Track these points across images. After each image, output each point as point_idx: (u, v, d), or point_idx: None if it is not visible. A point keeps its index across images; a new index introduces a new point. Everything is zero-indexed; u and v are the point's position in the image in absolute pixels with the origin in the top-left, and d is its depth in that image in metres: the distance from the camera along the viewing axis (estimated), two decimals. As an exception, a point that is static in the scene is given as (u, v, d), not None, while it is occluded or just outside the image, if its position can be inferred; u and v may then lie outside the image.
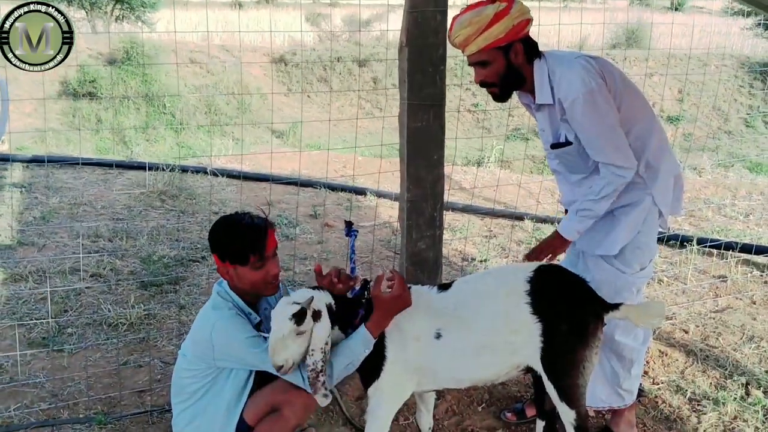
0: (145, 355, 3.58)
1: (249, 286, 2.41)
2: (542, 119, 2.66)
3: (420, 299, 2.37)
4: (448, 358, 2.32)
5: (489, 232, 5.60)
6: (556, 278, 2.36)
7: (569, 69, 2.48)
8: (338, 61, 18.14)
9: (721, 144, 16.62)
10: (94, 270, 4.47)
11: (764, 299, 4.32)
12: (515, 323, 2.27)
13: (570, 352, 2.26)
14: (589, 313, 2.29)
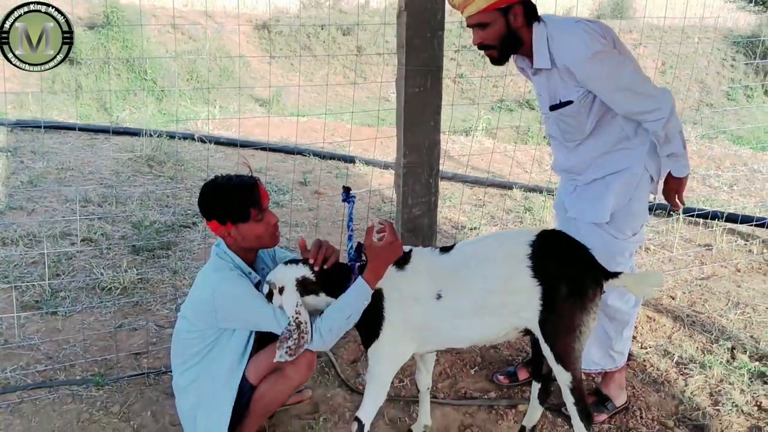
0: (140, 318, 3.59)
1: (255, 241, 2.43)
2: (539, 83, 2.66)
3: (421, 260, 2.39)
4: (449, 318, 2.34)
5: (479, 201, 5.63)
6: (557, 243, 2.37)
7: (571, 33, 2.47)
8: (322, 29, 17.97)
9: (704, 116, 16.76)
10: (85, 234, 4.45)
11: (748, 267, 4.42)
12: (515, 285, 2.29)
13: (568, 316, 2.28)
14: (588, 279, 2.30)
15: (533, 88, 2.75)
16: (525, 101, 15.11)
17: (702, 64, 19.17)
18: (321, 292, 2.35)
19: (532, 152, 6.80)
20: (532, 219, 5.19)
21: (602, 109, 2.57)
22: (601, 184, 2.69)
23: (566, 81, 2.53)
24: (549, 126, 2.79)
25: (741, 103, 18.47)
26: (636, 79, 2.48)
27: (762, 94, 18.94)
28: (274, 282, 2.34)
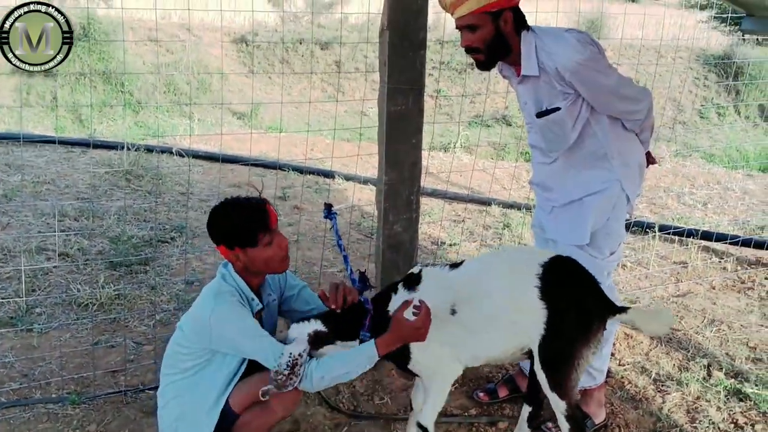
0: (117, 335, 3.55)
1: (263, 266, 2.38)
2: (524, 92, 2.69)
3: (431, 278, 2.42)
4: (466, 333, 2.36)
5: (458, 217, 5.66)
6: (569, 271, 2.38)
7: (561, 41, 2.52)
8: (300, 44, 17.99)
9: (677, 134, 16.99)
10: (62, 249, 4.40)
11: (723, 284, 4.48)
12: (522, 304, 2.30)
13: (569, 345, 2.29)
14: (595, 313, 2.32)
15: (518, 97, 2.79)
16: (502, 117, 15.21)
17: (675, 83, 19.49)
18: (337, 341, 2.36)
19: (510, 169, 6.85)
20: (511, 235, 5.23)
21: (585, 119, 2.62)
22: (578, 205, 2.73)
23: (553, 87, 2.56)
24: (532, 135, 2.82)
25: (713, 122, 18.77)
26: (621, 83, 2.59)
27: (734, 113, 19.29)
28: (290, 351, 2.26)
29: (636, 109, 2.64)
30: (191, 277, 4.18)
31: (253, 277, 2.43)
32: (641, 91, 2.67)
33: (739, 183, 7.12)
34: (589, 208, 2.71)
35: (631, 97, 2.63)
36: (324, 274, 4.32)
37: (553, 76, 2.53)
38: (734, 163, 11.39)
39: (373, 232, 4.21)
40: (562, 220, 2.76)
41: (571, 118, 2.59)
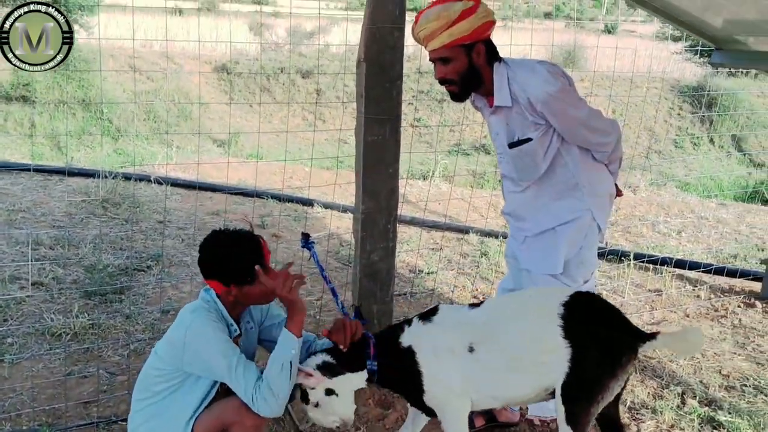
0: (90, 365, 3.50)
1: (257, 300, 2.36)
2: (496, 122, 2.73)
3: (448, 314, 2.43)
4: (484, 372, 2.33)
5: (436, 245, 5.68)
6: (591, 307, 2.35)
7: (533, 72, 2.58)
8: (281, 72, 18.10)
9: (652, 164, 17.26)
10: (36, 278, 4.35)
11: (697, 312, 4.53)
12: (546, 345, 2.27)
13: (595, 381, 2.25)
14: (623, 345, 2.27)
15: (489, 127, 2.82)
16: (481, 146, 15.38)
17: (650, 112, 19.83)
18: (346, 371, 2.37)
19: (488, 197, 6.91)
20: (488, 263, 5.26)
21: (556, 149, 2.66)
22: (551, 235, 2.76)
23: (525, 118, 2.60)
24: (504, 165, 2.85)
25: (688, 151, 19.11)
26: (591, 115, 2.64)
27: (708, 142, 19.64)
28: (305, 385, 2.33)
29: (605, 141, 2.69)
30: (167, 306, 4.15)
31: (238, 306, 2.39)
32: (610, 124, 2.73)
33: (712, 212, 7.22)
34: (562, 237, 2.74)
35: (601, 129, 2.68)
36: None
37: (525, 106, 2.57)
38: (708, 191, 11.60)
39: (351, 261, 4.21)
40: (535, 249, 2.79)
41: (542, 148, 2.63)
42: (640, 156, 18.17)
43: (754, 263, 5.53)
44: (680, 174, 15.90)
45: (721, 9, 3.60)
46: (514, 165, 2.75)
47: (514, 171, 2.78)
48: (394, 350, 2.40)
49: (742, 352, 3.97)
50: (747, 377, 3.67)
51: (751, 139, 19.98)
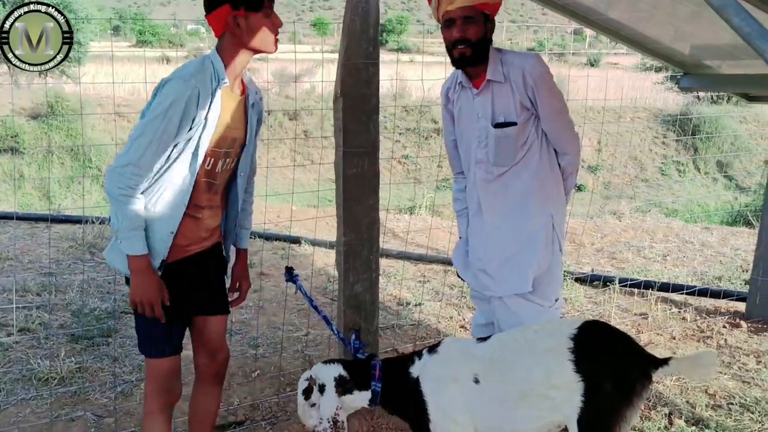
0: (78, 408, 3.49)
1: (258, 40, 2.34)
2: (481, 104, 2.77)
3: (454, 345, 2.46)
4: (489, 405, 2.32)
5: (423, 277, 5.71)
6: (601, 336, 2.32)
7: (525, 55, 2.75)
8: (269, 114, 18.31)
9: (639, 192, 17.44)
10: (23, 324, 4.35)
11: (683, 334, 4.56)
12: (556, 380, 2.24)
13: (610, 413, 2.20)
14: (636, 373, 2.23)
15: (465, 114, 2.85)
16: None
17: (635, 141, 20.10)
18: (355, 389, 2.42)
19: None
20: (475, 294, 5.28)
21: (533, 141, 2.75)
22: (515, 257, 2.80)
23: (512, 99, 2.69)
24: (479, 151, 2.84)
25: (674, 178, 19.32)
26: (566, 109, 2.79)
27: (693, 169, 19.88)
28: (315, 377, 2.41)
29: (574, 139, 2.81)
30: (155, 347, 4.14)
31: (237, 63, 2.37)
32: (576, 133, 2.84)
33: (697, 235, 7.30)
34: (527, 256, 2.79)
35: (572, 127, 2.81)
36: (288, 339, 4.33)
37: (516, 85, 2.67)
38: (696, 217, 11.70)
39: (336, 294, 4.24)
40: (502, 272, 2.82)
41: (522, 135, 2.72)
42: (627, 185, 18.41)
43: (739, 284, 5.58)
44: (668, 201, 16.04)
45: (691, 36, 3.72)
46: (495, 147, 2.77)
47: (493, 155, 2.79)
48: (403, 379, 2.43)
49: (728, 372, 3.99)
50: (733, 395, 3.69)
51: (736, 164, 20.22)
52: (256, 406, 3.57)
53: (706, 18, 3.20)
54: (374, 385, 2.43)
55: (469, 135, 2.86)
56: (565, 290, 5.30)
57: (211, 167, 2.40)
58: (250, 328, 4.50)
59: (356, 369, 2.47)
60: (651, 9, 3.37)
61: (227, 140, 2.41)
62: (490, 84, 2.72)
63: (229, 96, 2.38)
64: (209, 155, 2.38)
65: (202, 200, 2.42)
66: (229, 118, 2.39)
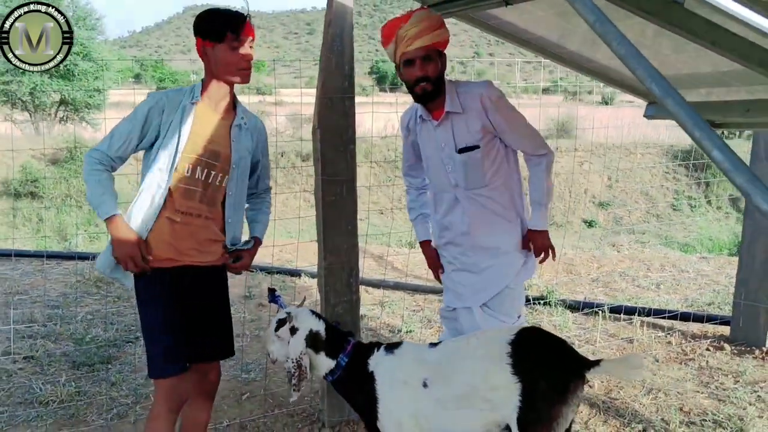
0: (75, 429, 3.66)
1: (223, 68, 2.59)
2: (442, 134, 2.96)
3: (409, 348, 2.63)
4: (434, 408, 2.48)
5: (418, 307, 5.86)
6: (536, 340, 2.49)
7: (477, 83, 2.95)
8: (282, 156, 18.67)
9: (650, 227, 17.45)
10: (27, 353, 4.56)
11: (666, 357, 4.65)
12: (495, 382, 2.40)
13: (547, 411, 2.35)
14: (570, 373, 2.39)
15: (429, 144, 3.05)
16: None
17: (646, 177, 20.20)
18: (322, 352, 2.60)
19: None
20: (466, 321, 5.41)
21: (501, 160, 2.96)
22: (494, 268, 2.99)
23: (472, 126, 2.89)
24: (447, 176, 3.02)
25: (686, 213, 19.32)
26: (527, 122, 2.97)
27: (705, 203, 19.89)
28: (294, 317, 2.58)
29: (540, 144, 3.00)
30: (152, 373, 4.32)
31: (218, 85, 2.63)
32: (544, 142, 3.03)
33: (693, 265, 7.38)
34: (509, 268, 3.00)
35: (536, 134, 3.00)
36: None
37: (477, 112, 2.87)
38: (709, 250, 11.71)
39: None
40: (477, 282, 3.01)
41: (488, 157, 2.92)
42: (639, 220, 18.43)
43: (728, 309, 5.66)
44: (680, 236, 16.05)
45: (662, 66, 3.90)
46: (464, 171, 2.96)
47: (462, 179, 2.98)
48: (362, 367, 2.58)
49: (705, 391, 4.08)
50: (707, 412, 3.78)
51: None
52: (244, 426, 3.71)
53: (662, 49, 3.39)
54: (341, 357, 2.59)
55: (436, 162, 3.05)
56: (555, 317, 5.42)
57: (189, 173, 2.60)
58: (245, 355, 4.67)
59: (333, 335, 2.63)
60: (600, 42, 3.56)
61: (206, 151, 2.62)
62: (449, 115, 2.92)
63: (207, 112, 2.63)
64: (186, 161, 2.58)
65: (182, 206, 2.61)
66: (206, 131, 2.61)
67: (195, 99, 2.61)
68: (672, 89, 1.49)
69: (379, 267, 7.34)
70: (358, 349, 2.64)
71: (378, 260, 7.66)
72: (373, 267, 7.36)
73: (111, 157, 2.54)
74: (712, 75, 3.60)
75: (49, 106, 21.50)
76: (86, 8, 23.03)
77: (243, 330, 5.11)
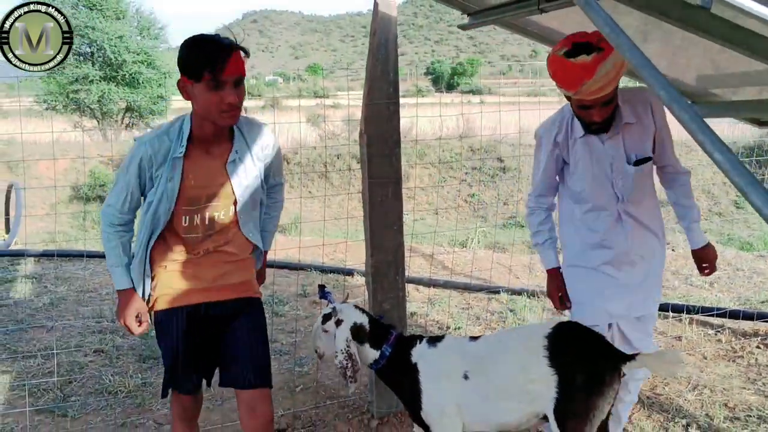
0: (142, 417, 3.93)
1: (202, 108, 2.34)
2: (612, 147, 2.83)
3: (452, 342, 2.76)
4: (475, 399, 2.61)
5: (467, 305, 5.98)
6: (573, 335, 2.60)
7: (639, 89, 2.96)
8: (338, 158, 19.00)
9: (713, 225, 17.08)
10: (97, 346, 4.88)
11: (715, 354, 4.65)
12: (533, 375, 2.51)
13: (583, 402, 2.46)
14: (605, 366, 2.49)
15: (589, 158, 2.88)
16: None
17: (707, 175, 19.76)
18: (366, 343, 2.73)
19: (520, 259, 7.17)
20: (515, 318, 5.51)
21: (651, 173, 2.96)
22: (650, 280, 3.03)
23: (646, 134, 2.83)
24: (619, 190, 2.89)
25: (749, 210, 18.81)
26: None
27: (770, 200, 19.28)
28: (338, 311, 2.70)
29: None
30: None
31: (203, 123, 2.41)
32: None
33: (749, 263, 7.28)
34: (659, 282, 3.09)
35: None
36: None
37: (648, 121, 2.82)
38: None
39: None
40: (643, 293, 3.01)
41: (651, 165, 2.93)
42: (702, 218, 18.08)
43: (785, 308, 5.60)
44: (744, 234, 15.68)
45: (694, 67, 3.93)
46: (632, 186, 2.86)
47: (630, 193, 2.87)
48: (406, 358, 2.72)
49: (751, 387, 4.09)
50: (752, 408, 3.80)
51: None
52: (297, 416, 3.91)
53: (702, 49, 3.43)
54: (385, 348, 2.72)
55: (600, 177, 2.89)
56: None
57: (188, 224, 2.51)
58: (299, 349, 4.88)
59: (376, 326, 2.75)
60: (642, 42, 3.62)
61: (200, 198, 2.49)
62: (623, 126, 2.81)
63: (199, 160, 2.46)
64: (182, 213, 2.49)
65: (181, 252, 2.56)
66: (200, 180, 2.47)
67: (181, 149, 2.40)
68: (680, 96, 1.59)
69: (429, 266, 7.49)
70: (400, 341, 2.78)
71: (428, 259, 7.81)
72: (424, 266, 7.50)
73: (122, 212, 2.50)
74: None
75: (116, 113, 22.36)
76: (150, 18, 23.90)
77: (296, 326, 5.33)
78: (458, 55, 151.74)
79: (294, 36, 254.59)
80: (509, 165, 18.98)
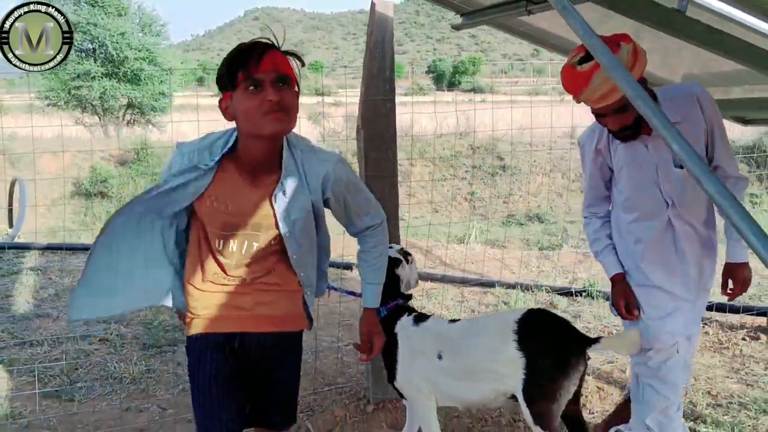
0: (146, 402, 4.07)
1: (245, 118, 2.00)
2: (656, 149, 2.68)
3: (433, 323, 2.93)
4: (446, 377, 2.81)
5: (463, 298, 6.13)
6: (541, 320, 2.77)
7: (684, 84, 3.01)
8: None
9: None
10: (102, 335, 5.02)
11: (701, 346, 4.78)
12: (501, 356, 2.69)
13: (548, 383, 2.63)
14: (570, 349, 2.64)
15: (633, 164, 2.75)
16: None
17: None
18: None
19: (511, 255, 7.30)
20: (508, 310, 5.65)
21: None
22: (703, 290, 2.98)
23: (695, 132, 2.62)
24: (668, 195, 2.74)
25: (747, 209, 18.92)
26: None
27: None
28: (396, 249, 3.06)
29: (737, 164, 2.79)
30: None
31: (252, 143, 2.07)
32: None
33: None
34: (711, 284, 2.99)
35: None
36: (330, 348, 4.82)
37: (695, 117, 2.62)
38: (762, 246, 11.57)
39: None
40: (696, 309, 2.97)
41: None
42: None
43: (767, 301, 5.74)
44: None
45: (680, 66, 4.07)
46: (683, 189, 2.69)
47: (680, 197, 2.71)
48: (388, 328, 2.84)
49: (735, 377, 4.24)
50: (734, 396, 3.94)
51: (813, 194, 19.66)
52: (295, 402, 4.06)
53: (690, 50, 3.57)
54: (382, 309, 2.87)
55: (647, 183, 2.76)
56: (597, 308, 5.61)
57: (222, 247, 2.21)
58: (298, 340, 5.02)
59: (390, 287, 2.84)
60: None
61: (237, 226, 2.17)
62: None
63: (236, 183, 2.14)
64: (213, 234, 2.21)
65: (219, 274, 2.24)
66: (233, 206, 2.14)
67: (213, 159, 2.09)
68: (649, 101, 1.72)
69: (427, 261, 7.63)
70: (397, 309, 2.95)
71: (426, 254, 7.95)
72: (421, 260, 7.64)
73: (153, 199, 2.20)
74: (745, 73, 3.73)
75: (117, 109, 22.49)
76: (152, 15, 24.04)
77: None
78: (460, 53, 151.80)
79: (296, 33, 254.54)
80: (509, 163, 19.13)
